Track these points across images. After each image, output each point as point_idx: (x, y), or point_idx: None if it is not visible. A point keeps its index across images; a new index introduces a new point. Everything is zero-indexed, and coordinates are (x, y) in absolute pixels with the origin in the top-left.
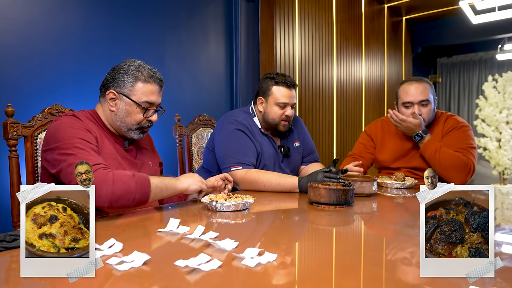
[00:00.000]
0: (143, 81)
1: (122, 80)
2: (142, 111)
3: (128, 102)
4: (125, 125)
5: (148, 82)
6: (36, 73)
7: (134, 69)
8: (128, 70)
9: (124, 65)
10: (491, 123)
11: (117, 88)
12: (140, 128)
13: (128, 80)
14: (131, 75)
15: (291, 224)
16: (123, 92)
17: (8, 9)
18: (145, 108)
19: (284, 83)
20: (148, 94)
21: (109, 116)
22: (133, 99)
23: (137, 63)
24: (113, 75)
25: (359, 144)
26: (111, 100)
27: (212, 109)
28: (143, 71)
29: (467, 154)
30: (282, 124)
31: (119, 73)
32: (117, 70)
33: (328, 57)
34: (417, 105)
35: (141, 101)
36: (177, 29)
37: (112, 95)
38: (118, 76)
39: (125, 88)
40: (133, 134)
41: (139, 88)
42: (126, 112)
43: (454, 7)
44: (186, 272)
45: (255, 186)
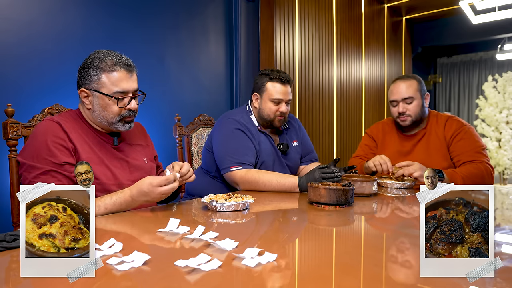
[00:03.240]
0: (108, 71)
1: (88, 75)
2: (116, 102)
3: (100, 96)
4: (105, 120)
5: (114, 71)
6: (36, 73)
7: (97, 61)
8: (92, 64)
9: (88, 60)
10: (491, 123)
11: (86, 85)
12: (122, 120)
13: (93, 74)
14: (95, 68)
15: (291, 224)
16: (92, 87)
17: (8, 9)
18: (117, 98)
19: (279, 79)
20: (118, 83)
21: (89, 115)
22: (103, 92)
23: (101, 53)
24: (80, 73)
25: (363, 145)
26: (85, 98)
27: (212, 109)
28: (106, 61)
29: (481, 157)
30: (278, 120)
31: (84, 68)
32: (83, 66)
33: (328, 57)
34: (401, 103)
35: (112, 92)
36: (177, 29)
37: (84, 93)
38: (83, 73)
39: (93, 82)
40: (118, 126)
41: (106, 79)
42: (102, 107)
43: (454, 7)
44: (186, 272)
45: (255, 186)
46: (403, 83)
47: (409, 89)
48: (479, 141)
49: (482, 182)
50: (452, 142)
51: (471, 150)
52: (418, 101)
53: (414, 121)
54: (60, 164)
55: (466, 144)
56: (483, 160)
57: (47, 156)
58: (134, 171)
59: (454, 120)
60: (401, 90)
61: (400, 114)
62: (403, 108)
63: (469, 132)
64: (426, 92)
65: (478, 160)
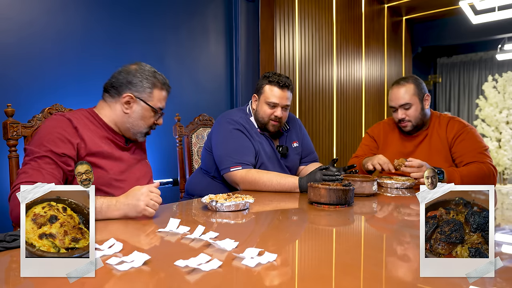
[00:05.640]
0: (159, 88)
1: (141, 85)
2: (155, 116)
3: (145, 107)
4: (136, 128)
5: (163, 89)
6: (36, 73)
7: (151, 75)
8: (144, 75)
9: (139, 69)
10: (491, 123)
11: (135, 93)
12: (148, 131)
13: (146, 86)
14: (149, 81)
15: (291, 224)
16: (141, 97)
17: (8, 9)
18: (158, 114)
19: (277, 82)
20: (162, 101)
21: (119, 117)
22: (150, 105)
23: (149, 67)
24: (129, 79)
25: (363, 145)
26: (126, 103)
27: (212, 109)
28: (159, 78)
29: (484, 158)
30: (272, 124)
31: (137, 77)
32: (133, 73)
33: (328, 57)
34: (399, 109)
35: (156, 107)
36: (177, 29)
37: (129, 99)
38: (136, 81)
39: (144, 93)
40: (139, 136)
41: (157, 94)
42: (141, 116)
43: (454, 7)
44: (186, 272)
45: (256, 186)
46: (400, 89)
47: (405, 95)
48: (481, 142)
49: (483, 182)
50: (454, 143)
51: (473, 151)
52: (417, 106)
53: (415, 125)
54: (58, 154)
55: (468, 145)
56: (486, 161)
57: (48, 144)
58: (137, 172)
59: (456, 121)
60: (398, 96)
61: (400, 120)
62: (402, 114)
63: (471, 133)
64: (426, 93)
65: (480, 160)
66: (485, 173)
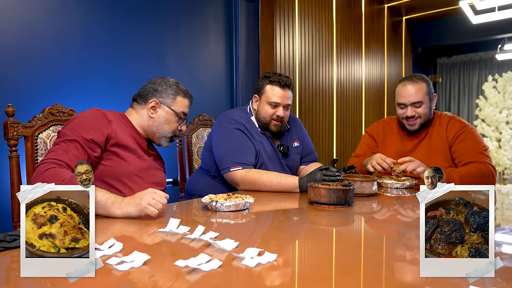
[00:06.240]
0: (182, 96)
1: (165, 92)
2: (179, 120)
3: (169, 111)
4: (161, 132)
5: (185, 97)
6: (36, 73)
7: (175, 85)
8: (168, 84)
9: (165, 80)
10: (491, 123)
11: (160, 98)
12: (172, 137)
13: (170, 93)
14: (173, 89)
15: (291, 224)
16: (165, 102)
17: (8, 9)
18: (181, 118)
19: (278, 82)
20: (185, 107)
21: (145, 122)
22: (173, 109)
23: (173, 80)
24: (155, 87)
25: (363, 145)
26: (152, 108)
27: (212, 109)
28: (181, 87)
29: (483, 158)
30: (274, 124)
31: (162, 86)
32: (159, 83)
33: (328, 57)
34: (410, 107)
35: (179, 112)
36: (177, 29)
37: (154, 104)
38: (161, 88)
39: (168, 99)
40: (163, 141)
41: (179, 100)
42: (166, 120)
43: (454, 7)
44: (186, 272)
45: (256, 186)
46: (413, 86)
47: (418, 93)
48: (482, 142)
49: (482, 182)
50: (454, 142)
51: (473, 151)
52: (427, 104)
53: (422, 124)
54: (87, 140)
55: (468, 145)
56: (485, 161)
57: (80, 130)
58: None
59: (456, 120)
60: (411, 93)
61: (409, 117)
62: (412, 112)
63: (472, 133)
64: (434, 93)
65: (480, 160)
66: (484, 173)
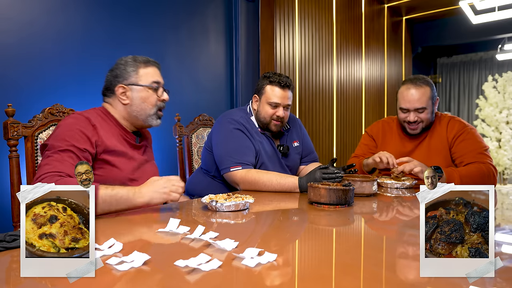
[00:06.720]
0: (143, 67)
1: (125, 72)
2: (154, 92)
3: (139, 89)
4: (143, 113)
5: (147, 66)
6: (36, 73)
7: (131, 60)
8: (126, 63)
9: (120, 62)
10: (491, 123)
11: (124, 81)
12: (157, 112)
13: (130, 70)
14: (131, 65)
15: (291, 224)
16: (130, 82)
17: (9, 9)
18: (155, 88)
19: (278, 82)
20: (153, 76)
21: (124, 111)
22: (142, 84)
23: (130, 56)
24: (114, 74)
25: (362, 145)
26: (122, 94)
27: (212, 109)
28: (139, 59)
29: (484, 158)
30: (274, 124)
31: (119, 68)
32: (116, 68)
33: (328, 57)
34: (412, 112)
35: (149, 83)
36: (177, 29)
37: (122, 89)
38: (119, 72)
39: (131, 77)
40: (152, 120)
41: (143, 73)
42: (141, 99)
43: (454, 7)
44: (186, 272)
45: (256, 186)
46: (417, 91)
47: (422, 99)
48: (482, 142)
49: (482, 182)
50: (454, 143)
51: (473, 151)
52: (430, 109)
53: (423, 128)
54: (81, 149)
55: (468, 145)
56: (486, 161)
57: (70, 139)
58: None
59: (456, 121)
60: (414, 99)
61: (411, 122)
62: (414, 118)
63: (472, 133)
64: (437, 97)
65: (480, 161)
66: (485, 173)
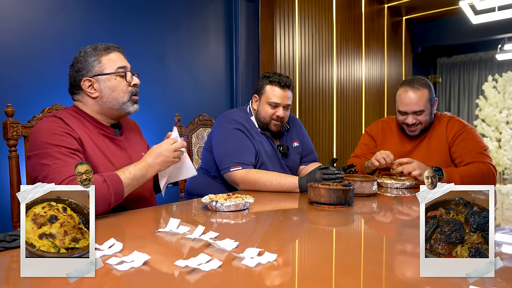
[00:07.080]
0: (105, 54)
1: (87, 63)
2: (123, 78)
3: (106, 78)
4: (116, 102)
5: (109, 53)
6: (37, 73)
7: (91, 50)
8: (86, 54)
9: (79, 54)
10: (491, 123)
11: (88, 73)
12: (131, 97)
13: (92, 60)
14: (92, 56)
15: (291, 224)
16: (95, 73)
17: (9, 9)
18: (122, 74)
19: (278, 82)
20: (117, 62)
21: (95, 105)
22: (107, 72)
23: (88, 46)
24: (76, 68)
25: (362, 145)
26: (89, 88)
27: (212, 109)
28: (100, 47)
29: (484, 158)
30: (274, 124)
31: (81, 61)
32: (76, 61)
33: (328, 57)
34: (411, 115)
35: (115, 70)
36: (177, 28)
37: (88, 82)
38: (82, 65)
39: (94, 68)
40: (128, 107)
41: (106, 60)
42: (111, 88)
43: (454, 7)
44: (186, 272)
45: (256, 186)
46: (415, 94)
47: (420, 101)
48: (481, 142)
49: (483, 182)
50: (454, 143)
51: (473, 151)
52: (428, 111)
53: (422, 129)
54: (75, 149)
55: (468, 145)
56: (486, 161)
57: (60, 143)
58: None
59: (456, 121)
60: (412, 102)
61: (410, 124)
62: (413, 120)
63: (471, 133)
64: (435, 98)
65: (480, 160)
66: (485, 173)
